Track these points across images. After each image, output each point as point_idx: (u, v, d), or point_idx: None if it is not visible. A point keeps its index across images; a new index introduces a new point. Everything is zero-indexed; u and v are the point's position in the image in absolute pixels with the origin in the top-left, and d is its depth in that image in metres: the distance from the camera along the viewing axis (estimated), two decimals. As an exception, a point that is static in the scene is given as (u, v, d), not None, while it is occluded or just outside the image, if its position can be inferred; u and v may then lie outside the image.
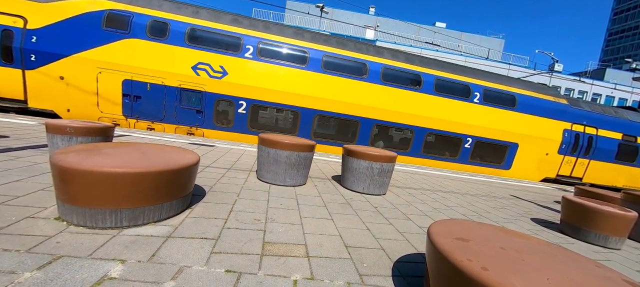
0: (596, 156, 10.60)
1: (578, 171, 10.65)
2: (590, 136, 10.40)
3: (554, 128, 9.93)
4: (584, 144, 10.33)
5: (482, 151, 9.53)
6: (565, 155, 10.21)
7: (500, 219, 3.76)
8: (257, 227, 2.27)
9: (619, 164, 10.92)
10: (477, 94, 9.27)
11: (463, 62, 30.33)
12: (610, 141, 10.68)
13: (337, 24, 31.34)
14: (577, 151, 10.28)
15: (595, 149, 10.46)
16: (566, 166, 10.37)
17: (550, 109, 9.93)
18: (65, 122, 3.36)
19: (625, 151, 10.85)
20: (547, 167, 10.15)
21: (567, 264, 1.32)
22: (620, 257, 2.97)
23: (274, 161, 3.61)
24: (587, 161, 10.60)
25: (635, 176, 11.33)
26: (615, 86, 30.66)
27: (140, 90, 7.31)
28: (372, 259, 2.04)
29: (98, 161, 1.88)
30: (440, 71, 9.16)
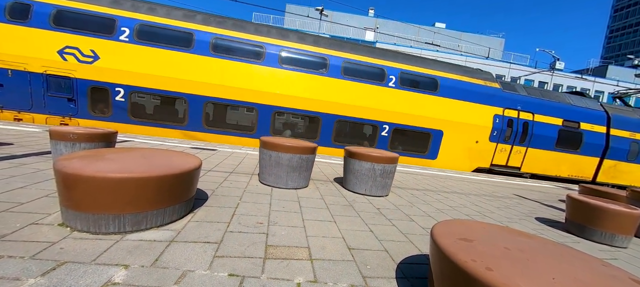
0: (534, 144, 9.85)
1: (515, 159, 9.88)
2: (525, 122, 9.68)
3: (483, 114, 9.27)
4: (518, 131, 9.61)
5: (403, 139, 8.94)
6: (499, 143, 9.51)
7: (505, 219, 3.73)
8: (260, 231, 2.27)
9: (561, 151, 10.14)
10: (392, 77, 8.62)
11: (463, 62, 30.31)
12: (549, 127, 9.94)
13: (337, 26, 31.45)
14: (512, 138, 9.57)
15: (532, 136, 9.73)
16: (501, 154, 9.65)
17: (479, 93, 9.30)
18: (68, 128, 3.38)
19: (567, 138, 10.07)
20: (479, 156, 9.47)
21: (573, 263, 1.31)
22: (627, 255, 2.93)
23: (275, 164, 3.61)
24: (524, 149, 9.84)
25: (580, 164, 10.48)
26: (618, 83, 30.49)
27: (1, 77, 6.76)
28: (376, 261, 2.03)
29: (101, 167, 1.89)
30: (349, 54, 8.53)
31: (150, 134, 7.44)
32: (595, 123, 10.37)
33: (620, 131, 10.54)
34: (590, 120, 10.36)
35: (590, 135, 10.30)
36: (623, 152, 10.65)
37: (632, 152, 10.74)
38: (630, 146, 10.62)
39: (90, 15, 7.15)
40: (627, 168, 10.78)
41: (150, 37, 7.36)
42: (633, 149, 10.73)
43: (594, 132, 10.32)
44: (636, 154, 10.78)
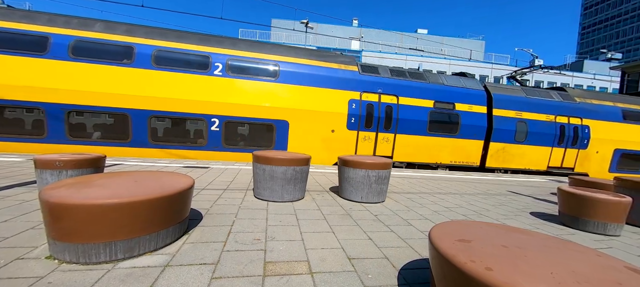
0: (403, 129, 8.97)
1: (383, 148, 8.97)
2: (388, 106, 8.78)
3: (337, 99, 8.38)
4: (380, 116, 8.73)
5: (240, 133, 8.05)
6: (360, 131, 8.60)
7: (500, 216, 3.78)
8: (258, 247, 2.23)
9: (436, 136, 9.26)
10: (219, 65, 7.74)
11: (447, 65, 31.20)
12: (417, 110, 9.04)
13: (323, 37, 32.02)
14: (374, 124, 8.68)
15: (397, 121, 8.85)
16: (365, 143, 8.75)
17: (329, 77, 8.41)
18: (53, 156, 3.29)
19: (441, 121, 9.27)
20: (339, 147, 8.53)
21: (569, 256, 1.32)
22: (621, 243, 3.00)
23: (270, 178, 3.58)
24: (392, 136, 8.96)
25: (463, 149, 9.64)
26: (594, 76, 31.82)
27: None
28: (377, 270, 2.01)
29: (89, 194, 1.84)
30: (162, 41, 7.56)
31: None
32: (474, 103, 9.62)
33: (505, 111, 9.89)
34: (468, 101, 9.58)
35: (469, 116, 9.51)
36: (509, 134, 9.94)
37: (519, 132, 10.05)
38: (516, 126, 9.97)
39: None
40: (517, 150, 10.14)
41: None
42: (520, 129, 10.05)
43: (472, 113, 9.54)
44: (525, 134, 10.09)
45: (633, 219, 3.67)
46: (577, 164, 10.75)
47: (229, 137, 7.92)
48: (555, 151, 10.49)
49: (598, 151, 10.84)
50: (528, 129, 10.08)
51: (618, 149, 11.04)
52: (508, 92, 10.28)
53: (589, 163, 10.86)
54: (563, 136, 10.44)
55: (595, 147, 10.80)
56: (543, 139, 10.24)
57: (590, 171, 10.94)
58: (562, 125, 10.43)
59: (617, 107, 11.19)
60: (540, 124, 10.22)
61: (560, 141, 10.43)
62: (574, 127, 10.54)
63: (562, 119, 10.43)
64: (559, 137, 10.39)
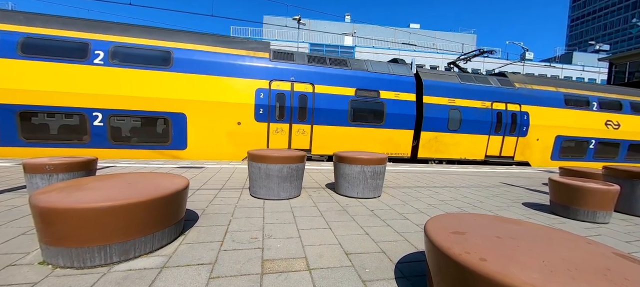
0: (320, 120, 8.27)
1: (300, 141, 8.29)
2: (302, 95, 8.12)
3: (242, 89, 7.72)
4: (293, 106, 8.07)
5: (130, 129, 7.38)
6: (271, 123, 7.94)
7: (494, 208, 3.84)
8: (255, 246, 2.23)
9: (359, 126, 8.63)
10: (99, 53, 6.92)
11: (440, 59, 31.40)
12: (336, 99, 8.38)
13: (316, 34, 31.87)
14: (287, 115, 8.03)
15: (313, 111, 8.19)
16: (278, 136, 8.10)
17: (234, 65, 7.73)
18: (43, 160, 3.22)
19: (364, 110, 8.63)
20: (248, 141, 7.94)
21: (561, 244, 1.36)
22: (609, 230, 3.08)
23: (265, 176, 3.57)
24: (308, 127, 8.26)
25: (392, 140, 9.01)
26: (583, 68, 32.43)
27: None
28: (374, 264, 2.03)
29: (81, 197, 1.81)
30: (31, 27, 6.72)
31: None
32: (402, 91, 9.01)
33: (437, 98, 9.37)
34: (395, 88, 8.96)
35: (395, 105, 8.89)
36: (441, 122, 9.39)
37: (452, 120, 9.49)
38: (449, 114, 9.44)
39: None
40: (451, 139, 9.63)
41: None
42: (453, 117, 9.50)
43: (399, 102, 8.94)
44: (458, 122, 9.53)
45: (621, 207, 3.78)
46: (518, 153, 10.37)
47: (115, 133, 7.23)
48: (492, 140, 10.05)
49: (539, 138, 10.49)
50: (462, 117, 9.57)
51: (560, 136, 10.73)
52: (441, 78, 9.74)
53: (530, 151, 10.51)
54: (500, 124, 9.96)
55: (536, 134, 10.43)
56: (479, 127, 9.79)
57: (531, 159, 10.61)
58: (499, 112, 9.97)
59: (559, 93, 10.83)
60: (475, 112, 9.73)
61: (497, 129, 9.99)
62: (512, 113, 10.09)
63: (499, 105, 9.98)
64: (495, 124, 9.92)
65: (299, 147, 8.35)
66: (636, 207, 3.64)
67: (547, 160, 10.83)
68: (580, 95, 11.09)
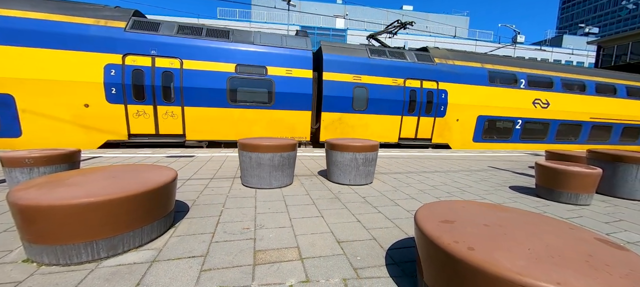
0: (193, 101, 7.29)
1: (170, 125, 7.31)
2: (166, 71, 7.06)
3: (88, 65, 6.58)
4: (156, 84, 6.97)
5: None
6: (129, 104, 6.91)
7: (482, 192, 3.94)
8: (247, 236, 2.22)
9: (242, 108, 7.69)
10: None
11: (433, 42, 31.20)
12: (211, 76, 7.33)
13: (307, 16, 31.01)
14: (147, 96, 7.00)
15: (182, 91, 7.19)
16: (141, 120, 7.05)
17: (77, 37, 6.52)
18: (22, 152, 3.09)
19: (247, 89, 7.69)
20: (102, 125, 6.88)
21: (545, 230, 1.39)
22: (591, 212, 3.21)
23: (257, 165, 3.53)
24: (178, 110, 7.26)
25: (279, 122, 8.14)
26: (572, 51, 32.84)
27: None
28: (365, 251, 2.06)
29: (62, 193, 1.74)
30: None
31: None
32: (295, 66, 8.02)
33: (339, 75, 8.41)
34: (286, 63, 7.94)
35: (287, 82, 7.92)
36: (345, 101, 8.50)
37: (358, 99, 8.63)
38: (354, 92, 8.55)
39: None
40: (358, 121, 8.80)
41: None
42: (359, 96, 8.62)
43: (292, 79, 7.97)
44: (365, 101, 8.69)
45: (602, 189, 3.93)
46: (436, 134, 9.67)
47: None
48: (406, 121, 9.25)
49: (459, 119, 9.75)
50: (368, 96, 8.69)
51: (483, 116, 10.00)
52: (345, 52, 8.71)
53: (449, 133, 9.80)
54: (414, 103, 9.16)
55: (455, 114, 9.66)
56: (389, 106, 8.94)
57: (451, 141, 9.94)
58: (413, 90, 9.11)
59: (483, 69, 10.05)
60: (384, 90, 8.85)
61: (411, 109, 9.18)
62: (427, 92, 9.26)
63: (413, 83, 9.11)
64: (409, 104, 9.10)
65: (170, 132, 7.43)
66: (616, 188, 3.79)
67: (469, 142, 10.17)
68: (506, 72, 10.32)
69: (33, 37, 6.35)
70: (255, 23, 27.58)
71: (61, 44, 6.47)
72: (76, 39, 6.54)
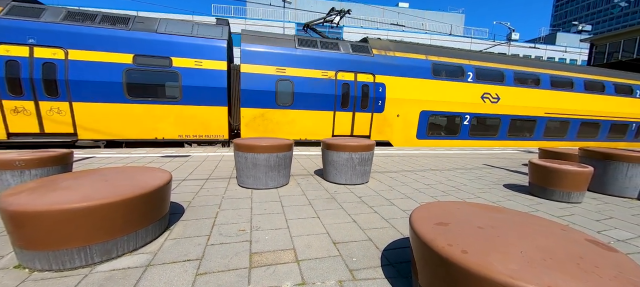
0: (80, 95, 6.63)
1: (56, 123, 6.67)
2: (47, 63, 6.39)
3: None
4: (35, 77, 6.36)
5: None
6: (3, 99, 6.29)
7: (477, 190, 3.98)
8: (243, 239, 2.22)
9: (142, 104, 7.07)
10: None
11: (428, 40, 31.29)
12: (103, 68, 6.64)
13: (303, 13, 30.82)
14: (24, 91, 6.36)
15: (68, 83, 6.55)
16: (20, 118, 6.47)
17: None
18: (13, 155, 3.03)
19: (148, 83, 7.05)
20: None
21: (537, 232, 1.41)
22: (582, 209, 3.27)
23: (252, 166, 3.52)
24: (65, 106, 6.63)
25: (191, 119, 7.48)
26: (566, 49, 33.19)
27: None
28: (361, 252, 2.07)
29: (54, 198, 1.71)
30: None
31: None
32: (206, 57, 7.37)
33: (259, 67, 7.77)
34: (194, 54, 7.28)
35: (195, 75, 7.27)
36: (267, 96, 7.87)
37: (282, 94, 7.99)
38: (277, 86, 7.93)
39: None
40: (283, 117, 8.15)
41: None
42: (283, 90, 7.98)
43: (202, 71, 7.33)
44: (290, 96, 8.05)
45: (593, 186, 4.00)
46: (374, 131, 9.06)
47: None
48: (340, 117, 8.60)
49: (399, 114, 9.16)
50: (294, 90, 8.08)
51: (426, 111, 9.45)
52: (267, 42, 8.06)
53: (390, 129, 9.18)
54: (347, 97, 8.52)
55: (395, 109, 9.06)
56: (319, 101, 8.30)
57: (392, 138, 9.32)
58: (345, 83, 8.45)
59: (426, 61, 9.44)
60: (312, 83, 8.20)
61: (344, 104, 8.54)
62: (362, 85, 8.62)
63: (345, 75, 8.46)
64: (341, 98, 8.46)
65: (58, 131, 6.74)
66: (607, 186, 3.86)
67: (412, 139, 9.60)
68: (452, 64, 9.74)
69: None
70: (250, 20, 27.32)
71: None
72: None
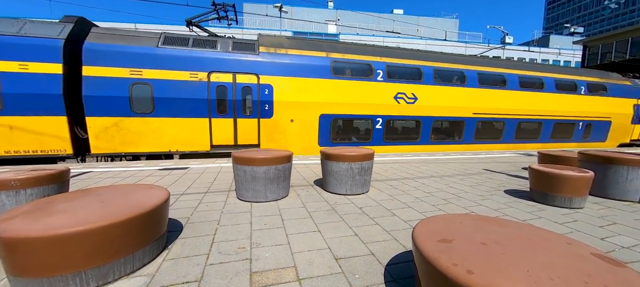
0: None
1: None
2: None
3: None
4: None
5: None
6: None
7: (478, 198, 3.95)
8: (243, 257, 2.17)
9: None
10: None
11: (423, 45, 31.64)
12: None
13: (299, 22, 31.15)
14: None
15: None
16: None
17: None
18: (8, 174, 2.98)
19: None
20: None
21: (543, 247, 1.39)
22: (585, 215, 3.24)
23: (251, 179, 3.49)
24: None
25: (17, 132, 6.57)
26: (559, 51, 33.62)
27: None
28: (364, 268, 2.03)
29: (49, 223, 1.68)
30: None
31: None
32: (34, 59, 6.43)
33: (108, 69, 6.81)
34: (17, 56, 6.34)
35: (20, 80, 6.34)
36: (120, 102, 6.91)
37: (139, 99, 7.05)
38: (131, 90, 6.96)
39: None
40: (144, 126, 7.17)
41: None
42: (141, 95, 7.03)
43: (29, 75, 6.39)
44: (150, 101, 7.11)
45: (594, 190, 3.99)
46: (265, 139, 8.03)
47: None
48: (218, 124, 7.59)
49: (293, 119, 8.14)
50: (154, 95, 7.09)
51: (327, 115, 8.40)
52: (120, 41, 7.09)
53: (284, 136, 8.18)
54: (225, 102, 7.57)
55: (288, 114, 8.07)
56: (187, 107, 7.29)
57: (289, 146, 8.31)
58: (221, 85, 7.46)
59: (325, 59, 8.44)
60: (178, 87, 7.20)
61: (221, 109, 7.56)
62: (243, 87, 7.66)
63: (221, 77, 7.50)
64: (216, 103, 7.49)
65: None
66: (608, 190, 3.85)
67: (314, 146, 8.55)
68: (357, 62, 8.78)
69: None
70: (247, 30, 27.55)
71: None
72: None
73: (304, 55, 8.33)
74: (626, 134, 13.30)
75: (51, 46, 6.59)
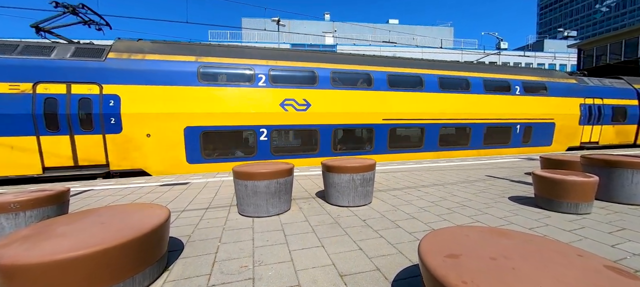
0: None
1: None
2: None
3: None
4: None
5: None
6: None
7: (482, 206, 3.90)
8: (245, 276, 2.12)
9: None
10: None
11: (420, 53, 32.03)
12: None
13: (296, 35, 31.66)
14: None
15: None
16: None
17: None
18: (8, 197, 2.96)
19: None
20: None
21: (553, 261, 1.35)
22: (592, 221, 3.19)
23: (253, 193, 3.45)
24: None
25: None
26: (554, 55, 34.00)
27: None
28: (370, 285, 1.98)
29: (47, 248, 1.64)
30: None
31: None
32: None
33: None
34: None
35: None
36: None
37: None
38: None
39: None
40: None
41: None
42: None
43: None
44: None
45: (599, 195, 3.93)
46: (115, 157, 6.94)
47: None
48: (49, 142, 6.53)
49: (150, 134, 7.06)
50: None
51: (194, 127, 7.35)
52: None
53: (141, 154, 7.11)
54: (56, 116, 6.52)
55: (143, 128, 6.98)
56: (5, 124, 6.26)
57: (147, 165, 7.22)
58: (51, 98, 6.47)
59: (192, 64, 7.57)
60: None
61: (52, 125, 6.51)
62: (80, 99, 6.66)
63: (51, 87, 6.51)
64: (45, 118, 6.47)
65: None
66: (614, 194, 3.80)
67: (181, 163, 7.46)
68: (232, 66, 7.93)
69: None
70: (246, 43, 28.00)
71: None
72: None
73: (163, 61, 7.34)
74: (575, 137, 12.02)
75: None
